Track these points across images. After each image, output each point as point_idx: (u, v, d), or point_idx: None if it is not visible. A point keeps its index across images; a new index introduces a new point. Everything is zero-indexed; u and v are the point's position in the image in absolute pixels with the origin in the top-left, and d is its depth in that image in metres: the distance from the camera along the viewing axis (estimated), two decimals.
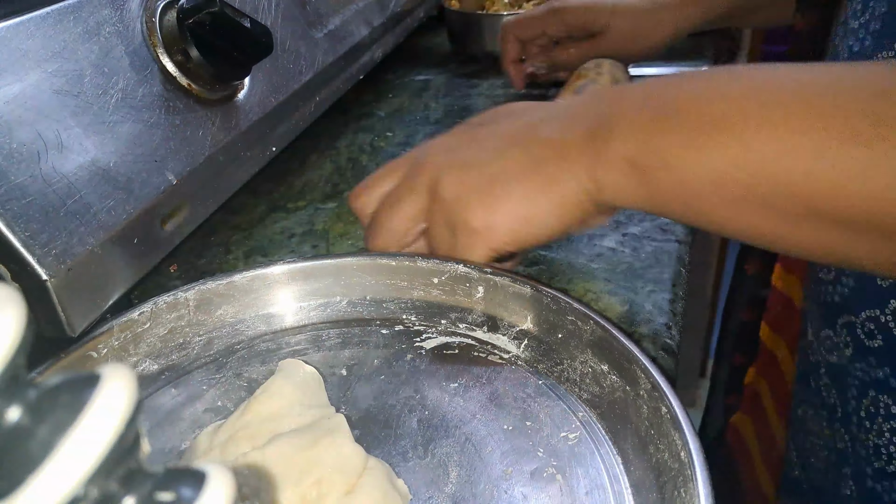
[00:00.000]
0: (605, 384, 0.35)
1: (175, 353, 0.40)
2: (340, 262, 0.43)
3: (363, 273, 0.43)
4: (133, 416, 0.13)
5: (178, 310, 0.40)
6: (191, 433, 0.35)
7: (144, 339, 0.39)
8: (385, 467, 0.31)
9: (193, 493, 0.14)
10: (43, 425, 0.12)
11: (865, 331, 0.46)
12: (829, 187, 0.31)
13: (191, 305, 0.40)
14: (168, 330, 0.40)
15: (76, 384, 0.13)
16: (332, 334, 0.41)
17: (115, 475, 0.13)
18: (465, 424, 0.34)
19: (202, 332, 0.41)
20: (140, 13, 0.41)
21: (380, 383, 0.37)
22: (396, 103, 0.77)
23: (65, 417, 0.12)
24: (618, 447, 0.32)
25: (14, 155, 0.33)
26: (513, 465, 0.32)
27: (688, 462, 0.28)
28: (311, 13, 0.58)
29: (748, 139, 0.32)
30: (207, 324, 0.41)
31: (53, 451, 0.12)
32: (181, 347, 0.40)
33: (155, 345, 0.39)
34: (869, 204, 0.31)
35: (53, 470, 0.12)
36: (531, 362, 0.38)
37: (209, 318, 0.41)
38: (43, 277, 0.33)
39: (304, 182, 0.62)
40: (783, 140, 0.32)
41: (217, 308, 0.41)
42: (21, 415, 0.12)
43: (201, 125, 0.44)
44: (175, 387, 0.38)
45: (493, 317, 0.40)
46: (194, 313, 0.41)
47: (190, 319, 0.40)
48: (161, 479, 0.14)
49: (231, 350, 0.40)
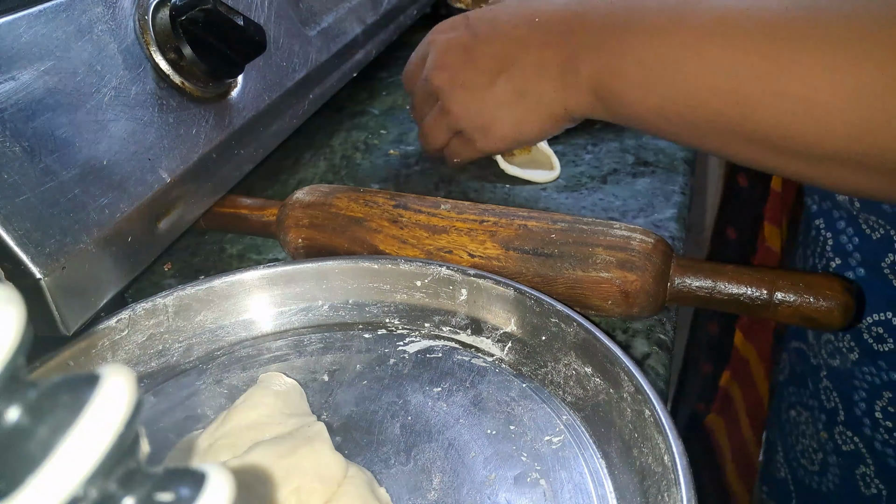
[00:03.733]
0: (589, 387, 0.35)
1: (154, 361, 0.39)
2: (322, 266, 0.42)
3: (345, 276, 0.42)
4: (133, 416, 0.13)
5: (157, 316, 0.40)
6: (171, 441, 0.35)
7: (122, 346, 0.38)
8: (366, 475, 0.31)
9: (193, 493, 0.14)
10: (43, 425, 0.12)
11: (873, 335, 0.46)
12: (789, 118, 0.33)
13: (170, 311, 0.40)
14: (147, 337, 0.39)
15: (76, 384, 0.13)
16: (314, 339, 0.41)
17: (115, 475, 0.13)
18: (448, 429, 0.34)
19: (181, 339, 0.40)
20: (133, 11, 0.41)
21: (362, 388, 0.37)
22: (390, 101, 0.77)
23: (65, 417, 0.12)
24: (602, 451, 0.32)
25: (7, 153, 0.33)
26: (496, 471, 0.32)
27: (671, 466, 0.28)
28: (305, 11, 0.58)
29: (697, 69, 0.37)
30: (187, 330, 0.40)
31: (53, 451, 0.12)
32: (160, 354, 0.39)
33: (133, 352, 0.39)
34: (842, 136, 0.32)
35: (53, 470, 0.12)
36: (515, 365, 0.38)
37: (188, 325, 0.40)
38: (37, 276, 0.33)
39: (299, 180, 0.62)
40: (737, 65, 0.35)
41: (196, 314, 0.41)
42: (21, 415, 0.12)
43: (195, 123, 0.44)
44: (155, 395, 0.37)
45: (476, 319, 0.40)
46: (173, 319, 0.40)
47: (169, 326, 0.40)
48: (160, 479, 0.14)
49: (211, 356, 0.40)
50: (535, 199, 0.55)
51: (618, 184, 0.56)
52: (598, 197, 0.55)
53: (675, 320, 0.44)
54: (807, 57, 0.32)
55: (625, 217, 0.52)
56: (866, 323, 0.46)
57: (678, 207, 0.53)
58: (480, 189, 0.58)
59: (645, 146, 0.61)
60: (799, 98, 0.32)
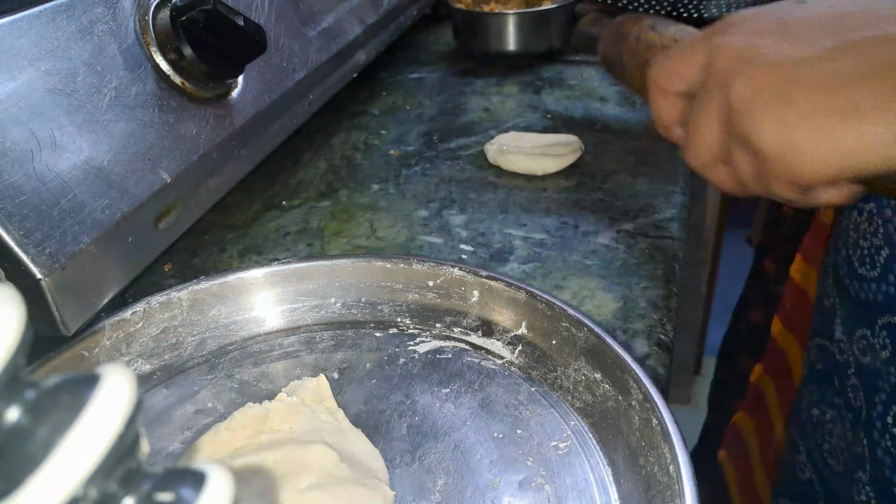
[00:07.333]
0: (598, 393, 0.35)
1: (167, 354, 0.39)
2: (335, 264, 0.43)
3: (358, 275, 0.42)
4: (133, 417, 0.13)
5: (172, 309, 0.40)
6: (181, 434, 0.35)
7: (137, 338, 0.39)
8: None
9: (193, 493, 0.14)
10: (43, 425, 0.12)
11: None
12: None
13: (184, 305, 0.40)
14: (161, 330, 0.40)
15: (76, 384, 0.13)
16: (326, 336, 0.41)
17: (115, 475, 0.13)
18: (455, 431, 0.34)
19: (195, 333, 0.41)
20: (133, 11, 0.41)
21: (371, 387, 0.37)
22: (390, 101, 0.77)
23: (64, 417, 0.12)
24: (608, 458, 0.32)
25: (8, 154, 0.33)
26: (501, 475, 0.32)
27: (676, 477, 0.28)
28: (305, 11, 0.58)
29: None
30: (201, 324, 0.41)
31: (53, 451, 0.12)
32: (174, 347, 0.40)
33: (147, 344, 0.39)
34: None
35: (53, 470, 0.12)
36: (524, 368, 0.38)
37: (202, 319, 0.41)
38: (37, 276, 0.33)
39: (299, 180, 0.62)
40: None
41: (210, 308, 0.41)
42: (21, 415, 0.12)
43: (195, 123, 0.44)
44: (167, 387, 0.38)
45: (487, 321, 0.40)
46: (188, 313, 0.40)
47: (183, 319, 0.40)
48: (160, 479, 0.14)
49: (224, 351, 0.40)
50: (535, 200, 0.55)
51: (618, 184, 0.56)
52: (598, 197, 0.55)
53: (675, 320, 0.44)
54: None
55: (625, 216, 0.52)
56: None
57: (678, 207, 0.53)
58: (481, 190, 0.58)
59: (645, 148, 0.61)
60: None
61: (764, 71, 0.31)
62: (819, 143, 0.29)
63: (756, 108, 0.30)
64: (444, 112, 0.73)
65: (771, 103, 0.30)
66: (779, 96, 0.30)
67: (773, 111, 0.30)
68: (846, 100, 0.28)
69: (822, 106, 0.29)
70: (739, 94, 0.31)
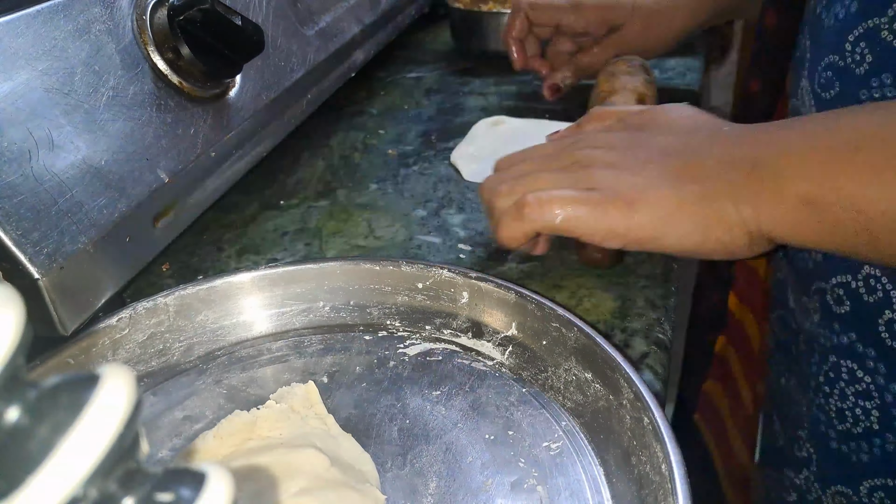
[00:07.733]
0: (589, 392, 0.35)
1: (154, 360, 0.39)
2: (323, 267, 0.42)
3: (347, 278, 0.42)
4: (133, 417, 0.13)
5: (158, 315, 0.39)
6: (169, 441, 0.34)
7: (123, 345, 0.38)
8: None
9: (193, 493, 0.14)
10: (42, 425, 0.12)
11: (834, 297, 0.47)
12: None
13: (171, 311, 0.40)
14: (147, 336, 0.39)
15: (76, 384, 0.13)
16: (314, 340, 0.41)
17: (115, 475, 0.13)
18: (446, 433, 0.34)
19: (182, 338, 0.40)
20: (130, 11, 0.41)
21: (361, 391, 0.37)
22: (388, 101, 0.77)
23: (64, 417, 0.12)
24: (600, 458, 0.32)
25: (5, 154, 0.33)
26: (493, 476, 0.32)
27: (668, 475, 0.28)
28: (303, 10, 0.58)
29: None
30: (188, 329, 0.40)
31: (53, 451, 0.12)
32: (161, 353, 0.39)
33: (134, 351, 0.39)
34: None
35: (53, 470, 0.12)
36: (515, 369, 0.38)
37: (189, 324, 0.40)
38: (35, 276, 0.32)
39: (297, 180, 0.62)
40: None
41: (198, 313, 0.41)
42: (20, 415, 0.12)
43: (193, 123, 0.44)
44: (154, 394, 0.37)
45: (477, 322, 0.40)
46: (174, 318, 0.40)
47: (170, 325, 0.40)
48: (160, 479, 0.14)
49: (211, 356, 0.40)
50: None
51: None
52: None
53: (674, 320, 0.44)
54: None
55: None
56: (830, 285, 0.47)
57: None
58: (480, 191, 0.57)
59: None
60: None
61: (620, 173, 0.41)
62: (645, 220, 0.39)
63: (612, 190, 0.40)
64: (442, 112, 0.73)
65: (625, 191, 0.40)
66: (632, 187, 0.40)
67: (625, 197, 0.39)
68: (669, 200, 0.39)
69: (652, 199, 0.39)
70: (601, 181, 0.41)
